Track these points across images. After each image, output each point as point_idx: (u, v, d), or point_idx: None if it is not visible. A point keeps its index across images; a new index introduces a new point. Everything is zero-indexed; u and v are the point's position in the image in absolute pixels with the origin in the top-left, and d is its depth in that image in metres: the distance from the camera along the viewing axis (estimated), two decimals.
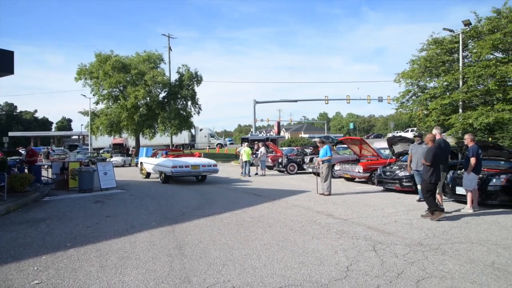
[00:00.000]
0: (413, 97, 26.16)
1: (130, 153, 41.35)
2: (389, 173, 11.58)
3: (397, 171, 11.33)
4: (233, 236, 6.12)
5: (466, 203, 8.27)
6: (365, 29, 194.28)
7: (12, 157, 17.87)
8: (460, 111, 21.98)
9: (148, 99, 34.17)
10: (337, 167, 15.14)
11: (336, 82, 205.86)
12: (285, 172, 19.49)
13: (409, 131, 48.64)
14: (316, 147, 18.87)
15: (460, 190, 8.78)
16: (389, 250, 5.25)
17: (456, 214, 7.84)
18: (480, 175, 8.44)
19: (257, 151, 19.46)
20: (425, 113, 24.45)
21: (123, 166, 30.53)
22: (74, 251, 5.35)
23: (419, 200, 9.27)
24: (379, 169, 12.17)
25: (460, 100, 21.87)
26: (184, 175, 14.90)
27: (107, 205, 9.76)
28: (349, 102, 46.46)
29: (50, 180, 14.56)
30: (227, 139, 76.56)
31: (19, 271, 4.55)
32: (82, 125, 50.90)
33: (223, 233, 6.36)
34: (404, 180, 10.92)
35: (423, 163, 7.56)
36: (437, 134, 8.31)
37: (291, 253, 5.15)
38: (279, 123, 61.41)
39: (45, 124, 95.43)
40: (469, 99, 21.99)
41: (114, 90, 34.78)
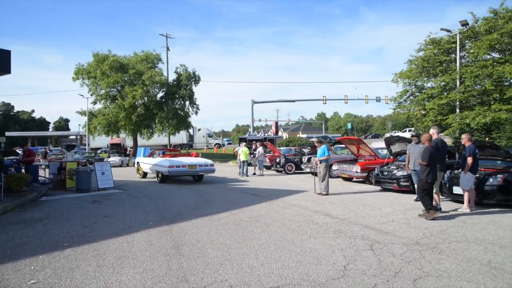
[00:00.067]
0: (411, 97, 26.23)
1: (128, 153, 41.31)
2: (386, 173, 11.60)
3: (395, 171, 11.36)
4: (230, 236, 6.12)
5: (463, 202, 8.29)
6: (363, 29, 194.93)
7: (9, 157, 17.80)
8: (458, 111, 22.05)
9: (146, 99, 34.13)
10: (335, 167, 15.16)
11: (334, 82, 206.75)
12: (283, 172, 19.50)
13: (406, 131, 48.74)
14: (314, 147, 18.91)
15: (457, 190, 8.81)
16: (387, 249, 5.26)
17: (453, 214, 7.87)
18: (477, 175, 8.47)
19: (255, 151, 19.47)
20: (422, 113, 24.52)
21: (120, 166, 30.45)
22: (71, 251, 5.34)
23: (417, 200, 9.29)
24: (376, 169, 12.20)
25: (458, 100, 21.94)
26: (181, 174, 14.95)
27: (104, 205, 9.74)
28: (347, 102, 46.60)
29: (47, 180, 14.51)
30: (225, 139, 76.52)
31: (15, 270, 4.53)
32: (79, 125, 50.94)
33: (220, 232, 6.36)
34: (402, 180, 10.95)
35: (420, 162, 7.59)
36: (434, 133, 8.33)
37: (288, 252, 5.15)
38: (277, 123, 61.34)
39: (42, 124, 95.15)
40: (466, 99, 22.07)
41: (112, 90, 34.70)
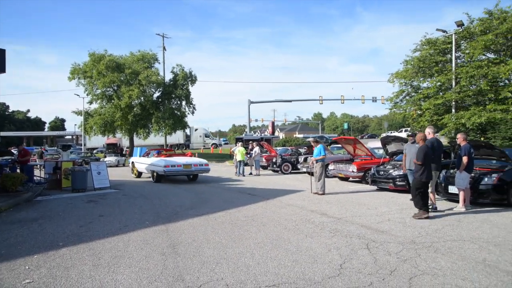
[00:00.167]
0: (407, 97, 26.36)
1: (124, 153, 41.17)
2: (382, 172, 11.64)
3: (391, 171, 11.40)
4: (227, 235, 6.11)
5: (458, 201, 8.34)
6: (360, 30, 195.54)
7: (4, 157, 17.69)
8: (453, 111, 22.17)
9: (142, 98, 34.03)
10: (331, 167, 15.19)
11: (330, 82, 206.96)
12: (279, 171, 19.51)
13: (402, 131, 48.93)
14: (310, 147, 18.93)
15: (452, 189, 8.86)
16: (382, 248, 5.28)
17: (449, 213, 7.91)
18: (472, 174, 8.52)
19: (252, 150, 19.47)
20: (418, 113, 24.63)
21: (117, 166, 30.34)
22: (67, 250, 5.31)
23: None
24: (372, 169, 12.23)
25: (453, 100, 22.06)
26: (176, 174, 15.03)
27: (100, 204, 9.70)
28: (343, 103, 46.68)
29: (42, 179, 14.43)
30: (221, 139, 76.48)
31: (10, 270, 4.51)
32: (75, 125, 50.52)
33: (217, 232, 6.36)
34: (398, 179, 10.99)
35: (415, 162, 7.64)
36: (430, 133, 8.35)
37: (284, 251, 5.16)
38: (273, 123, 61.46)
39: (38, 124, 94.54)
40: (462, 99, 22.19)
41: (108, 89, 34.59)
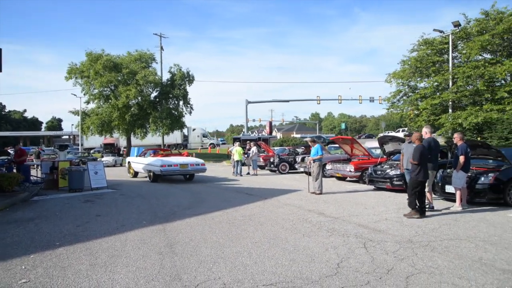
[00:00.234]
0: (404, 97, 26.38)
1: (121, 153, 41.06)
2: (380, 172, 11.67)
3: (388, 170, 11.43)
4: (224, 234, 6.11)
5: (455, 201, 8.37)
6: (357, 30, 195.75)
7: (1, 157, 17.62)
8: (450, 111, 22.22)
9: (140, 98, 33.94)
10: (328, 166, 15.22)
11: (328, 82, 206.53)
12: (276, 171, 19.52)
13: (400, 131, 49.03)
14: (307, 147, 18.95)
15: (449, 189, 8.89)
16: (380, 247, 5.29)
17: (446, 212, 7.94)
18: (469, 174, 8.55)
19: (249, 150, 19.46)
20: (415, 113, 24.69)
21: (114, 166, 30.27)
22: (64, 250, 5.30)
23: None
24: (370, 168, 12.26)
25: (450, 100, 22.12)
26: (173, 173, 15.08)
27: (97, 204, 9.68)
28: (340, 103, 46.80)
29: (39, 179, 14.39)
30: (219, 139, 76.43)
31: (6, 270, 4.48)
32: (72, 125, 50.54)
33: (214, 231, 6.35)
34: (395, 179, 11.02)
35: (411, 161, 7.67)
36: (427, 133, 8.38)
37: (282, 250, 5.16)
38: (271, 123, 61.46)
39: (34, 124, 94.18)
40: (459, 99, 22.25)
41: (105, 89, 34.47)
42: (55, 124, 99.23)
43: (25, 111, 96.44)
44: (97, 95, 34.43)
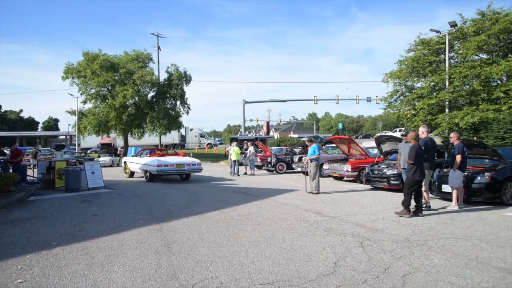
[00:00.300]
0: (401, 97, 26.50)
1: (118, 153, 40.95)
2: (377, 171, 11.69)
3: (385, 170, 11.45)
4: (221, 234, 6.11)
5: (452, 200, 8.40)
6: (355, 30, 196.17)
7: None
8: (447, 111, 22.32)
9: (137, 98, 33.83)
10: (325, 166, 15.24)
11: (325, 82, 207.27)
12: (274, 171, 19.52)
13: (397, 131, 49.18)
14: (305, 147, 18.96)
15: (446, 188, 8.92)
16: (377, 246, 5.30)
17: (442, 211, 7.96)
18: (465, 173, 8.59)
19: (246, 150, 19.46)
20: (412, 113, 24.77)
21: (111, 166, 30.19)
22: (60, 250, 5.28)
23: None
24: (367, 168, 12.29)
25: (447, 100, 22.21)
26: (169, 173, 15.15)
27: (94, 204, 9.65)
28: (338, 103, 46.85)
29: (35, 179, 14.32)
30: (216, 139, 76.39)
31: (1, 270, 4.46)
32: (69, 125, 50.14)
33: (211, 231, 6.35)
34: (392, 178, 11.05)
35: (407, 161, 7.70)
36: (424, 132, 8.41)
37: (279, 249, 5.16)
38: (268, 123, 61.46)
39: (31, 124, 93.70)
40: (455, 99, 22.35)
41: (102, 89, 34.34)
42: (52, 124, 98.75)
43: (21, 111, 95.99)
44: (94, 95, 34.30)
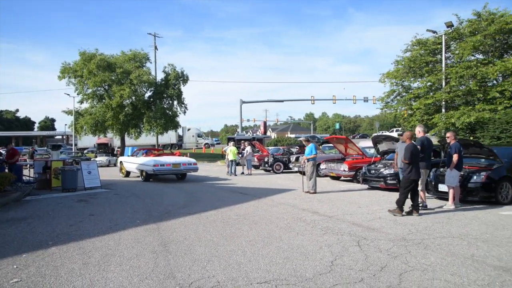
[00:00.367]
0: (398, 97, 26.57)
1: (115, 153, 40.81)
2: (374, 171, 11.73)
3: (382, 169, 11.48)
4: (218, 233, 6.11)
5: (448, 199, 8.43)
6: (351, 30, 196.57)
7: None
8: (443, 110, 22.41)
9: (134, 98, 33.75)
10: (322, 166, 15.26)
11: (322, 82, 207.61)
12: (271, 171, 19.53)
13: (394, 131, 49.31)
14: (302, 147, 18.99)
15: (442, 187, 8.96)
16: (373, 245, 5.32)
17: (439, 211, 7.99)
18: (462, 173, 8.62)
19: (243, 150, 19.46)
20: (409, 113, 24.86)
21: (108, 166, 30.11)
22: (56, 249, 5.26)
23: None
24: (364, 168, 12.32)
25: (443, 100, 22.29)
26: (166, 173, 15.25)
27: (91, 204, 9.61)
28: (335, 103, 46.90)
29: (32, 179, 14.26)
30: (214, 139, 76.33)
31: None
32: (66, 124, 50.02)
33: (208, 230, 6.35)
34: (389, 178, 11.08)
35: (402, 161, 7.74)
36: (420, 132, 8.43)
37: (276, 249, 5.17)
38: (265, 123, 61.45)
39: (27, 123, 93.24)
40: (452, 99, 22.44)
41: (99, 89, 34.22)
42: (48, 124, 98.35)
43: (17, 110, 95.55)
44: (90, 95, 34.19)
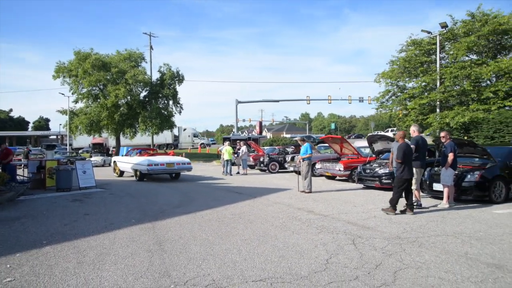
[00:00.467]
0: (393, 97, 26.74)
1: (110, 153, 40.62)
2: (369, 171, 11.76)
3: (377, 169, 11.52)
4: (213, 232, 6.10)
5: (442, 198, 8.48)
6: (347, 31, 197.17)
7: None
8: (438, 110, 22.56)
9: (129, 98, 33.58)
10: (318, 166, 15.29)
11: (318, 82, 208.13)
12: (266, 171, 19.52)
13: (389, 131, 49.52)
14: (297, 146, 19.03)
15: (437, 187, 9.01)
16: (368, 243, 5.34)
17: (433, 209, 8.04)
18: (456, 172, 8.68)
19: (239, 150, 19.45)
20: (404, 112, 25.00)
21: (103, 166, 29.92)
22: (50, 248, 5.23)
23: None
24: (359, 167, 12.36)
25: (438, 100, 22.46)
26: (160, 172, 15.36)
27: (86, 203, 9.57)
28: (330, 103, 47.12)
29: (25, 179, 14.15)
30: (209, 139, 76.24)
31: None
32: (60, 124, 49.77)
33: (203, 229, 6.34)
34: (384, 177, 11.12)
35: (395, 160, 7.78)
36: (415, 131, 8.47)
37: (271, 247, 5.17)
38: (261, 123, 61.56)
39: (21, 123, 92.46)
40: (446, 99, 22.61)
41: (94, 88, 34.01)
42: (43, 124, 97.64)
43: (11, 110, 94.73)
44: (85, 94, 33.97)
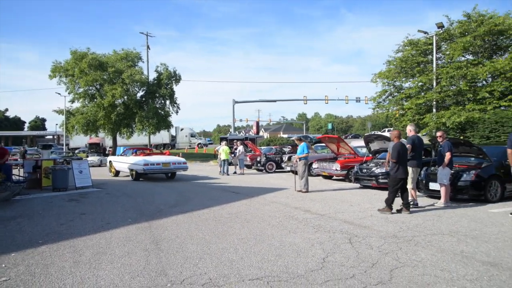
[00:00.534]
0: (390, 97, 26.78)
1: (107, 152, 40.48)
2: (365, 170, 11.80)
3: (374, 168, 11.56)
4: (210, 231, 6.10)
5: (439, 198, 8.53)
6: (343, 31, 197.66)
7: None
8: (434, 110, 22.64)
9: (126, 97, 33.50)
10: (315, 165, 15.31)
11: (315, 82, 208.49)
12: (263, 171, 19.54)
13: (386, 131, 49.64)
14: (294, 146, 19.05)
15: (433, 186, 9.04)
16: (365, 242, 5.36)
17: (429, 208, 8.08)
18: (452, 171, 8.72)
19: (236, 150, 19.45)
20: (401, 112, 25.07)
21: (99, 166, 29.83)
22: (46, 248, 5.21)
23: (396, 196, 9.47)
24: (356, 167, 12.39)
25: (434, 100, 22.53)
26: (156, 172, 15.40)
27: (82, 203, 9.53)
28: (327, 103, 47.17)
29: (21, 178, 14.06)
30: (206, 139, 76.17)
31: None
32: (56, 124, 49.49)
33: (200, 228, 6.34)
34: (380, 177, 11.15)
35: (390, 160, 7.81)
36: (411, 130, 8.50)
37: (268, 246, 5.18)
38: (258, 123, 61.50)
39: (17, 123, 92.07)
40: (442, 99, 22.69)
41: (91, 88, 33.89)
42: (39, 123, 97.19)
43: (6, 110, 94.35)
44: (82, 94, 33.84)
